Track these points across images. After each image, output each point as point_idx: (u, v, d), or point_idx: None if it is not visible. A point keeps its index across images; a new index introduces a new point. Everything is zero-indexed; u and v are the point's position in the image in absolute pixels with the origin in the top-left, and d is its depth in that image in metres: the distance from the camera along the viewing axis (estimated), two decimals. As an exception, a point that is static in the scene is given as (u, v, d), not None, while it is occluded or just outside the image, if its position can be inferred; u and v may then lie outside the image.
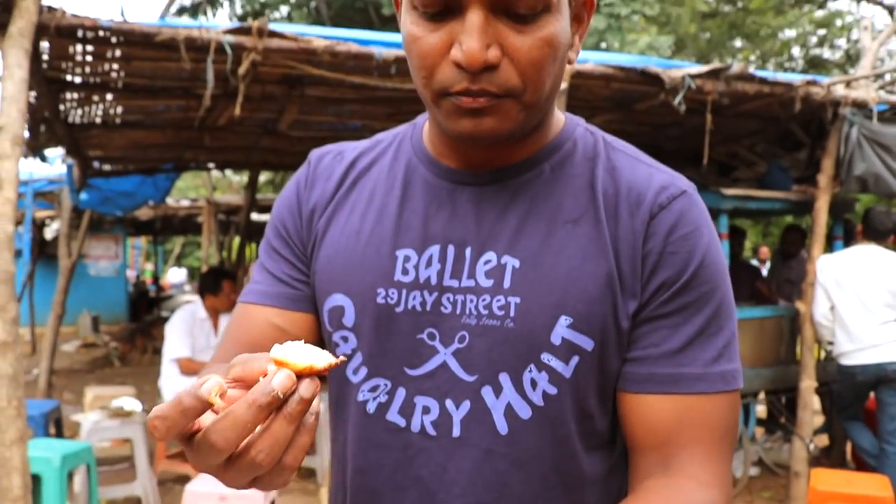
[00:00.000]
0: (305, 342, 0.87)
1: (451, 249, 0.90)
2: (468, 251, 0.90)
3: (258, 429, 0.60)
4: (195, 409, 0.60)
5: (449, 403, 0.89)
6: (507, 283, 0.87)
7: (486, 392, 0.87)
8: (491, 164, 0.91)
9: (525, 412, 0.87)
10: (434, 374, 0.89)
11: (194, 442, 0.62)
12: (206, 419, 0.62)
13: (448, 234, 0.91)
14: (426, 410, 0.90)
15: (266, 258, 1.02)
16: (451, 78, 0.78)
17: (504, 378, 0.87)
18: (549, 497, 0.89)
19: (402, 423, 0.91)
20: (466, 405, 0.88)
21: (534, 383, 0.86)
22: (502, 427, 0.87)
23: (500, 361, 0.86)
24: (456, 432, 0.88)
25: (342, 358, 0.66)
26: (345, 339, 0.94)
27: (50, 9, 2.97)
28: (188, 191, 21.18)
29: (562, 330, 0.85)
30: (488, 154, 0.90)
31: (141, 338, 11.68)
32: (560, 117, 0.96)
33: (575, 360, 0.85)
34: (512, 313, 0.86)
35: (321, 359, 0.62)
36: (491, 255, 0.88)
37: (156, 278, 18.47)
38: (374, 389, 0.93)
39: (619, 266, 0.86)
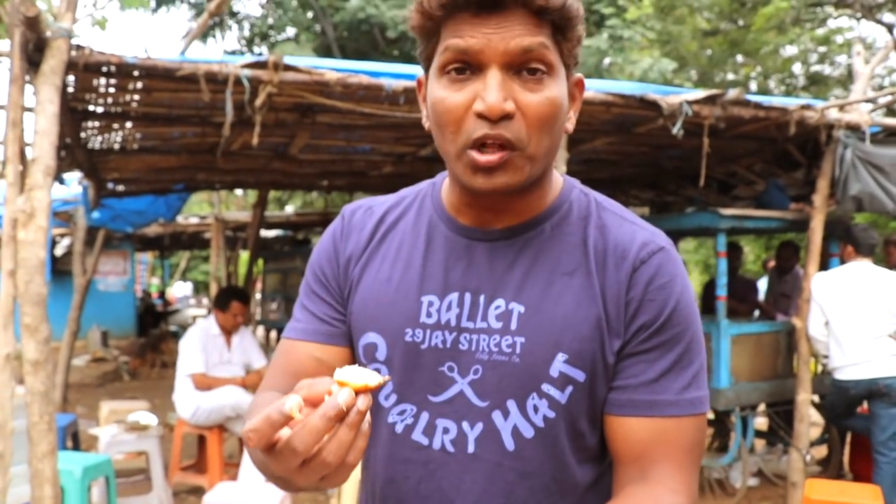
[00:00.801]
0: None
1: (467, 296, 1.07)
2: (482, 298, 1.06)
3: (325, 437, 0.76)
4: (280, 423, 0.76)
5: (465, 425, 1.05)
6: (513, 326, 1.03)
7: (496, 415, 1.04)
8: (501, 223, 1.07)
9: (529, 432, 1.03)
10: (453, 400, 1.06)
11: (276, 449, 0.78)
12: (284, 433, 0.78)
13: (465, 284, 1.07)
14: (446, 431, 1.06)
15: (306, 299, 1.19)
16: (473, 128, 0.94)
17: (511, 404, 1.03)
18: (549, 502, 1.06)
19: (425, 441, 1.07)
20: (480, 426, 1.05)
21: (535, 408, 1.03)
22: (510, 445, 1.04)
23: (507, 390, 1.03)
24: (471, 449, 1.05)
25: (388, 377, 0.83)
26: (378, 370, 1.09)
27: (79, 47, 3.13)
28: (193, 206, 21.32)
29: (559, 365, 1.01)
30: (499, 210, 1.06)
31: (151, 352, 11.79)
32: (559, 180, 1.13)
33: (570, 389, 1.02)
34: (518, 351, 1.03)
35: (373, 379, 0.79)
36: (500, 302, 1.05)
37: (162, 292, 18.59)
38: (401, 413, 1.09)
39: (607, 311, 1.02)
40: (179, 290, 24.11)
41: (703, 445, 1.05)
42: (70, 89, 3.74)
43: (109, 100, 4.06)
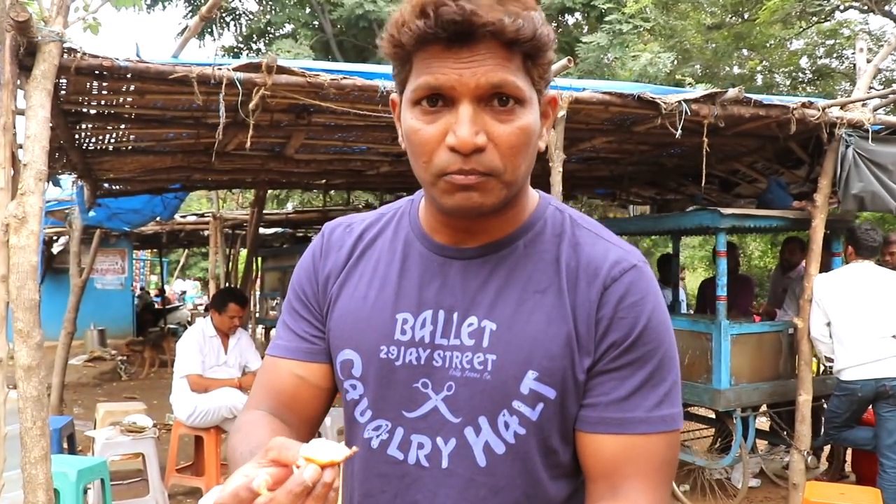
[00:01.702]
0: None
1: (441, 314, 1.08)
2: (455, 315, 1.07)
3: None
4: (248, 499, 0.79)
5: (439, 440, 1.06)
6: (485, 343, 1.04)
7: (468, 431, 1.05)
8: (476, 241, 1.08)
9: (500, 448, 1.04)
10: (427, 416, 1.07)
11: None
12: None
13: (439, 301, 1.08)
14: (420, 446, 1.07)
15: (288, 317, 1.21)
16: (446, 161, 0.95)
17: (483, 420, 1.04)
18: None
19: (400, 456, 1.08)
20: (453, 442, 1.06)
21: (507, 425, 1.03)
22: (481, 460, 1.04)
23: (479, 407, 1.04)
24: (445, 464, 1.06)
25: (355, 449, 0.85)
26: (353, 386, 1.12)
27: (70, 50, 3.09)
28: (192, 203, 21.30)
29: (529, 382, 1.02)
30: (474, 230, 1.07)
31: (151, 350, 11.75)
32: (534, 197, 1.13)
33: (540, 406, 1.02)
34: (489, 368, 1.03)
35: (339, 454, 0.81)
36: (473, 319, 1.06)
37: (161, 290, 18.57)
38: (377, 429, 1.10)
39: (577, 329, 1.02)
40: (179, 287, 24.10)
41: (674, 463, 1.05)
42: (63, 92, 3.71)
43: (102, 102, 4.03)
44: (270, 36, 11.73)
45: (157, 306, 17.28)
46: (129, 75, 3.37)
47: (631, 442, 1.01)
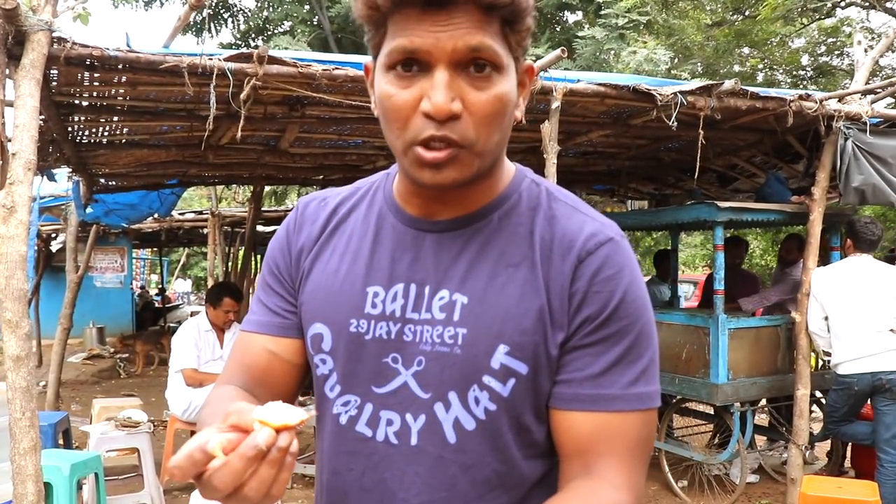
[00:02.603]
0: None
1: (412, 287, 1.06)
2: (427, 289, 1.05)
3: (248, 472, 0.78)
4: (203, 461, 0.78)
5: (409, 417, 1.04)
6: (456, 317, 1.02)
7: (438, 407, 1.02)
8: (449, 213, 1.06)
9: (470, 425, 1.02)
10: (397, 392, 1.04)
11: (202, 481, 0.79)
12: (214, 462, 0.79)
13: (411, 275, 1.06)
14: (389, 423, 1.05)
15: (261, 292, 1.19)
16: (420, 127, 0.93)
17: (452, 396, 1.02)
18: (491, 496, 1.03)
19: (369, 433, 1.06)
20: (423, 418, 1.03)
21: (477, 400, 1.01)
22: (451, 437, 1.02)
23: (449, 382, 1.02)
24: (414, 441, 1.03)
25: (312, 414, 0.84)
26: (323, 360, 1.10)
27: (60, 40, 3.07)
28: (192, 201, 21.31)
29: (500, 357, 1.00)
30: (447, 199, 1.05)
31: (143, 344, 11.73)
32: (510, 169, 1.11)
33: (512, 381, 1.00)
34: (460, 342, 1.01)
35: (294, 417, 0.79)
36: (444, 293, 1.04)
37: (161, 289, 18.57)
38: (346, 404, 1.08)
39: (550, 303, 1.00)
40: (180, 286, 24.12)
41: (650, 441, 1.02)
42: (54, 83, 3.69)
43: (95, 93, 4.01)
44: (268, 33, 11.72)
45: (156, 305, 17.29)
46: (119, 66, 3.36)
47: (606, 419, 0.98)
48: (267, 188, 12.79)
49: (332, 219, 1.16)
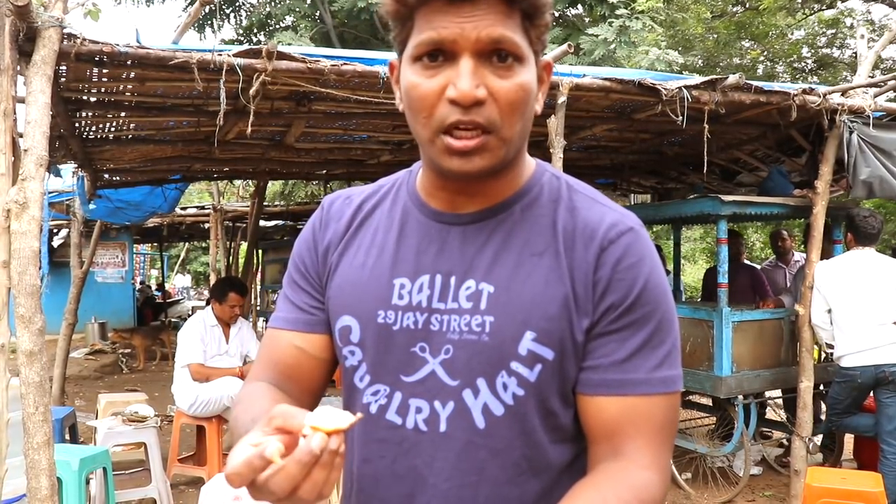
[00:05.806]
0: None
1: (438, 278, 1.09)
2: (453, 279, 1.08)
3: (303, 475, 0.82)
4: (261, 467, 0.81)
5: (437, 404, 1.07)
6: (483, 305, 1.05)
7: (467, 394, 1.05)
8: (473, 206, 1.10)
9: (499, 410, 1.04)
10: (425, 380, 1.07)
11: (257, 485, 0.82)
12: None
13: (436, 266, 1.09)
14: (419, 410, 1.08)
15: (288, 289, 1.23)
16: (445, 114, 0.96)
17: (481, 382, 1.05)
18: (520, 480, 1.06)
19: (398, 421, 1.09)
20: (451, 405, 1.06)
21: (505, 386, 1.04)
22: (480, 423, 1.05)
23: (477, 368, 1.04)
24: (443, 428, 1.06)
25: (360, 416, 0.87)
26: (352, 352, 1.13)
27: (70, 36, 3.08)
28: (193, 196, 21.30)
29: (527, 343, 1.03)
30: (471, 192, 1.08)
31: (142, 338, 11.73)
32: (531, 163, 1.14)
33: (538, 367, 1.03)
34: (487, 329, 1.04)
35: (344, 421, 0.84)
36: (471, 283, 1.07)
37: (161, 284, 18.59)
38: (375, 393, 1.11)
39: (575, 290, 1.03)
40: (179, 281, 24.12)
41: (675, 424, 1.06)
42: (63, 79, 3.70)
43: (103, 89, 4.02)
44: (271, 28, 11.71)
45: (157, 300, 17.31)
46: (129, 62, 3.37)
47: (632, 403, 1.02)
48: (275, 187, 12.83)
49: (357, 215, 1.19)
